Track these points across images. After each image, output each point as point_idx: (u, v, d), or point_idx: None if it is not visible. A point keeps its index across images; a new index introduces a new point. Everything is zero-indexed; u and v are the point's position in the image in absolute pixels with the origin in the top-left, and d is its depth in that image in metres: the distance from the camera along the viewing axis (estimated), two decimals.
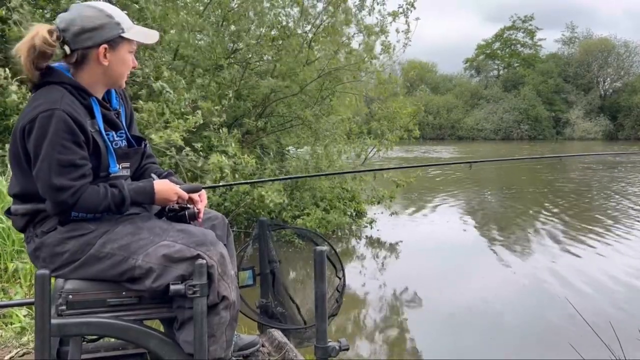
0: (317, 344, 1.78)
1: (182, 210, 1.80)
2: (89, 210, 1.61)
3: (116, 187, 1.65)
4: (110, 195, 1.62)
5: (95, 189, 1.60)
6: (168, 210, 1.82)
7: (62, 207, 1.57)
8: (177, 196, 1.77)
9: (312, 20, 7.71)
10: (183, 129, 5.41)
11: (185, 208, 1.80)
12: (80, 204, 1.58)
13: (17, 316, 3.13)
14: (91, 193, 1.59)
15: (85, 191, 1.57)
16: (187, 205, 1.81)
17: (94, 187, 1.60)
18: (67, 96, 1.60)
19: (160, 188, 1.73)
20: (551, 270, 6.42)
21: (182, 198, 1.78)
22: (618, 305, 5.20)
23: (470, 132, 48.99)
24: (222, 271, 1.67)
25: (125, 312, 1.65)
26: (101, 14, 1.65)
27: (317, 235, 2.65)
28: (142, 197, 1.70)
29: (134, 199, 1.67)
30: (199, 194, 1.85)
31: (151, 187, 1.71)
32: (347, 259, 7.18)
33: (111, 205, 1.63)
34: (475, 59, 59.56)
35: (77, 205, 1.58)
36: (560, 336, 4.35)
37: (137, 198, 1.68)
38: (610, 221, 9.28)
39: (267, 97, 7.46)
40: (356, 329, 4.88)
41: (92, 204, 1.60)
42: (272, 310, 2.28)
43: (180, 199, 1.78)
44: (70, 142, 1.55)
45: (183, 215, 1.79)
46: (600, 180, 15.83)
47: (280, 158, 8.46)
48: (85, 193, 1.57)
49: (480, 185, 15.06)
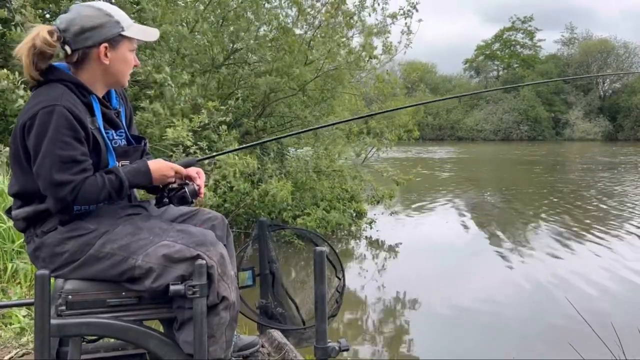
0: (316, 345, 1.78)
1: (182, 188, 1.78)
2: (90, 201, 1.60)
3: (112, 173, 1.63)
4: (108, 182, 1.61)
5: (92, 180, 1.59)
6: (168, 190, 1.79)
7: (63, 202, 1.57)
8: (174, 171, 1.75)
9: (311, 20, 7.70)
10: (188, 129, 5.43)
11: (185, 184, 1.79)
12: (81, 197, 1.57)
13: (16, 316, 3.13)
14: (89, 184, 1.58)
15: (84, 184, 1.57)
16: (186, 182, 1.80)
17: (90, 178, 1.59)
18: (68, 93, 1.60)
19: (155, 166, 1.71)
20: (551, 270, 6.42)
21: (179, 172, 1.77)
22: (618, 306, 5.20)
23: (469, 133, 49.05)
24: (222, 271, 1.67)
25: (125, 313, 1.65)
26: (100, 13, 1.65)
27: (317, 236, 2.64)
28: (139, 177, 1.68)
29: (131, 181, 1.66)
30: (196, 170, 1.84)
31: (145, 166, 1.70)
32: (347, 260, 7.18)
33: (111, 192, 1.62)
34: (475, 59, 59.63)
35: (78, 199, 1.57)
36: (561, 336, 4.35)
37: (134, 180, 1.67)
38: (610, 221, 9.28)
39: (267, 96, 7.45)
40: (356, 330, 4.88)
41: (92, 195, 1.59)
42: (272, 311, 2.28)
43: (177, 174, 1.77)
44: (71, 138, 1.55)
45: (184, 192, 1.77)
46: (599, 180, 15.84)
47: (281, 159, 8.46)
48: (84, 186, 1.57)
49: (480, 186, 15.07)
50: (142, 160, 1.74)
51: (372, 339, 4.68)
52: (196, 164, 1.87)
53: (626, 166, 20.85)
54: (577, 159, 24.08)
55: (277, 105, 7.96)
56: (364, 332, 4.85)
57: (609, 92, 52.84)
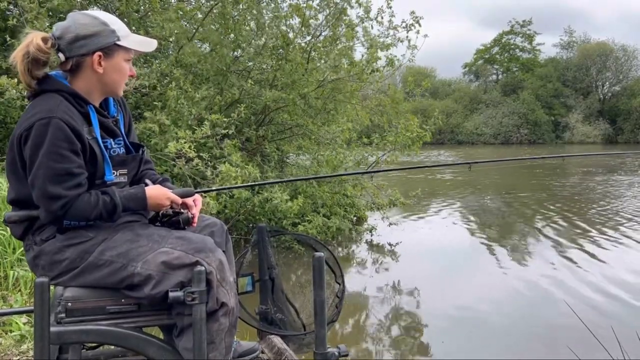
0: (316, 350, 1.78)
1: (175, 215, 1.79)
2: (80, 218, 1.61)
3: (107, 195, 1.63)
4: (102, 203, 1.61)
5: (86, 198, 1.59)
6: (162, 215, 1.81)
7: (53, 215, 1.57)
8: (170, 201, 1.76)
9: (313, 31, 7.68)
10: (191, 140, 5.46)
11: (179, 213, 1.80)
12: (71, 213, 1.57)
13: (17, 324, 3.14)
14: (82, 202, 1.58)
15: (76, 200, 1.57)
16: (181, 210, 1.81)
17: (84, 196, 1.59)
18: (64, 104, 1.60)
19: (152, 193, 1.72)
20: (551, 274, 6.41)
21: (175, 202, 1.78)
22: (618, 309, 5.19)
23: (469, 137, 49.07)
24: (221, 278, 1.68)
25: (124, 320, 1.65)
26: (96, 22, 1.65)
27: (316, 241, 2.65)
28: (134, 203, 1.69)
29: (125, 206, 1.66)
30: (193, 199, 1.85)
31: (143, 193, 1.71)
32: (347, 265, 7.17)
33: (103, 213, 1.62)
34: (474, 63, 59.73)
35: (68, 215, 1.57)
36: (560, 339, 4.34)
37: (128, 205, 1.67)
38: (611, 225, 9.27)
39: (268, 106, 7.46)
40: (356, 335, 4.86)
41: (83, 213, 1.59)
42: (272, 317, 2.28)
43: (173, 203, 1.78)
44: (67, 150, 1.55)
45: (177, 220, 1.79)
46: (600, 184, 15.83)
47: (281, 166, 8.46)
48: (76, 202, 1.57)
49: (481, 190, 15.06)
50: (140, 186, 1.74)
51: (371, 345, 4.67)
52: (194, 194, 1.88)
53: (626, 169, 20.84)
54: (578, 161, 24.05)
55: (277, 114, 7.96)
56: (364, 337, 4.84)
57: (609, 95, 52.89)
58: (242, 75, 7.50)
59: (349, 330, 4.94)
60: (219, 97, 6.89)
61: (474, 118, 50.38)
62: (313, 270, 1.79)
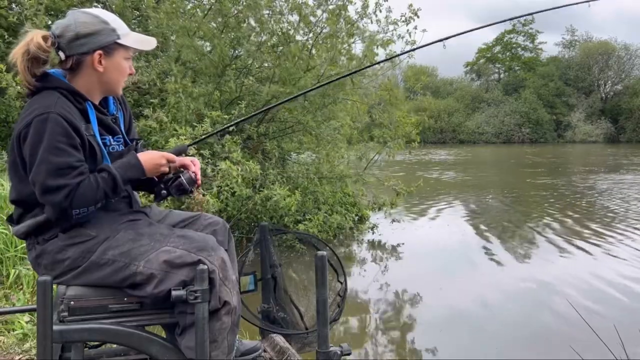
0: (318, 349, 1.78)
1: (178, 177, 1.76)
2: (87, 203, 1.58)
3: (104, 171, 1.62)
4: (102, 181, 1.60)
5: (86, 182, 1.58)
6: (164, 182, 1.78)
7: (60, 208, 1.55)
8: (166, 159, 1.74)
9: (312, 27, 7.67)
10: (191, 137, 5.46)
11: (181, 172, 1.77)
12: (77, 200, 1.55)
13: (19, 322, 3.14)
14: (84, 187, 1.56)
15: (78, 188, 1.55)
16: (181, 170, 1.78)
17: (84, 181, 1.57)
18: (62, 100, 1.59)
19: (146, 157, 1.71)
20: (553, 273, 6.40)
21: (172, 160, 1.76)
22: (620, 309, 5.18)
23: (471, 136, 48.98)
24: (224, 276, 1.67)
25: (127, 318, 1.66)
26: (96, 20, 1.65)
27: (318, 240, 2.65)
28: (131, 171, 1.67)
29: (124, 176, 1.64)
30: (190, 159, 1.84)
31: (135, 158, 1.69)
32: (349, 264, 7.17)
33: (107, 191, 1.61)
34: (476, 62, 59.63)
35: (74, 203, 1.55)
36: (562, 339, 4.33)
37: (126, 174, 1.65)
38: (612, 225, 9.26)
39: (268, 103, 7.45)
40: (358, 334, 4.86)
41: (88, 197, 1.57)
42: (274, 315, 2.28)
43: (170, 162, 1.76)
44: (66, 144, 1.54)
45: (180, 183, 1.75)
46: (602, 183, 15.80)
47: (282, 164, 8.46)
48: (79, 189, 1.55)
49: (482, 189, 15.04)
50: (130, 153, 1.72)
51: (374, 343, 4.66)
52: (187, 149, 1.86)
53: (629, 168, 20.81)
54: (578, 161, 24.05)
55: (278, 112, 7.96)
56: (367, 336, 4.83)
57: (611, 94, 52.77)
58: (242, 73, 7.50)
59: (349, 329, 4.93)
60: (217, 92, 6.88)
61: (476, 117, 50.27)
62: (316, 268, 1.79)
